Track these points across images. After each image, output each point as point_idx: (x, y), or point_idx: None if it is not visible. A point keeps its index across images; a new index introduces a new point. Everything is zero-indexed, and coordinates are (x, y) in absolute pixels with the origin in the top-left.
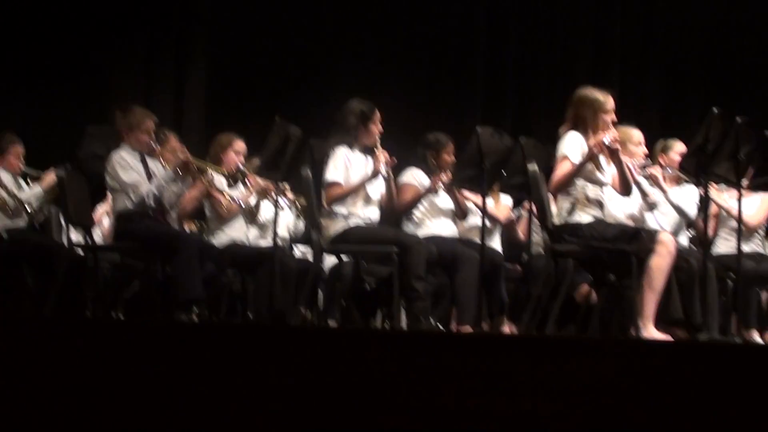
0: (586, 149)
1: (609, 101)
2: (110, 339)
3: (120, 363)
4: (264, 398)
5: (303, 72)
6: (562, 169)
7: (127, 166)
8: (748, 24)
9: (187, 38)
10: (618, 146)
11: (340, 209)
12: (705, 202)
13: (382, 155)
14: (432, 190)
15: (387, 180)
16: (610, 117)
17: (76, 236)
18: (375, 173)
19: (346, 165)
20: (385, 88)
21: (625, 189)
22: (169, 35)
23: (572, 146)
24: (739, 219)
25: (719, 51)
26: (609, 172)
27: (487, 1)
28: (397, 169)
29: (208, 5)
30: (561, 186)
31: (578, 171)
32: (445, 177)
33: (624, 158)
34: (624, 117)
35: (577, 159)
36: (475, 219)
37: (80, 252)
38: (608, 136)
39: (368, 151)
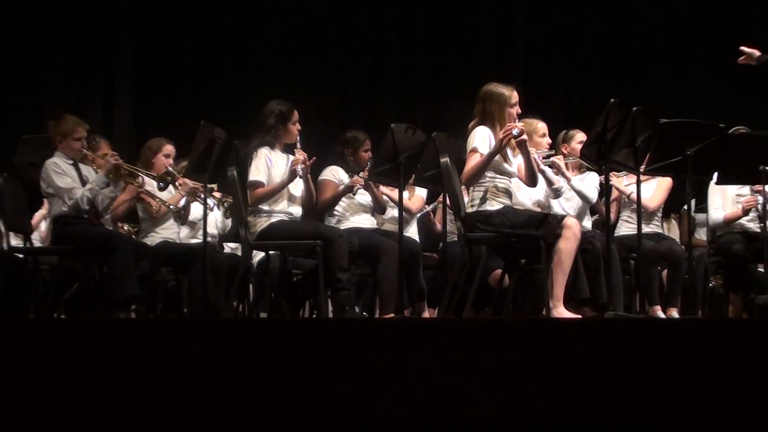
0: (494, 142)
1: (513, 95)
2: (53, 338)
3: (63, 361)
4: (199, 390)
5: (226, 76)
6: (472, 161)
7: (61, 172)
8: (639, 21)
9: (114, 48)
10: (525, 137)
11: (265, 207)
12: (606, 187)
13: (299, 155)
14: (350, 189)
15: (305, 180)
16: (516, 110)
17: (15, 241)
18: (292, 173)
19: (267, 165)
20: (304, 90)
21: (531, 180)
22: (96, 45)
23: (481, 139)
24: (638, 202)
25: (614, 46)
26: (515, 163)
27: (396, 7)
28: (317, 167)
29: (133, 16)
30: (472, 177)
31: (487, 163)
32: (363, 175)
33: (530, 149)
34: (528, 110)
35: (485, 151)
36: (391, 211)
37: (20, 256)
38: (515, 129)
39: (289, 149)
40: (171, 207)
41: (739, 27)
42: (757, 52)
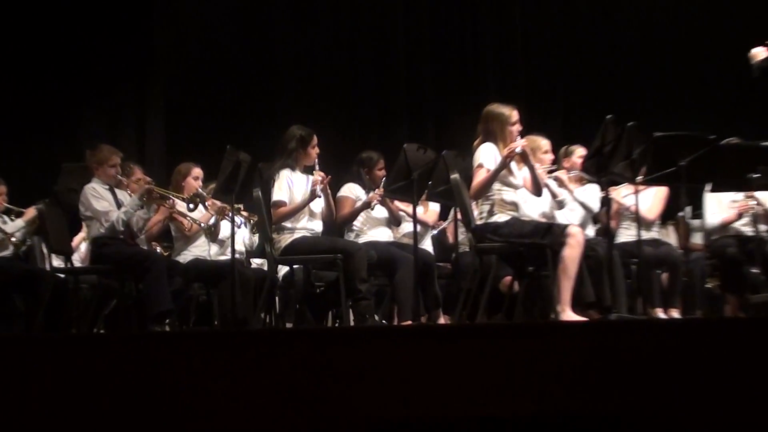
0: (499, 157)
1: (514, 114)
2: (94, 351)
3: (104, 372)
4: (233, 397)
5: (250, 104)
6: (479, 177)
7: (98, 196)
8: (633, 43)
9: (146, 80)
10: (528, 150)
11: (287, 224)
12: (607, 199)
13: (318, 176)
14: (367, 205)
15: (325, 197)
16: (516, 128)
17: (57, 262)
18: (312, 194)
19: (288, 186)
20: (322, 115)
21: (536, 189)
22: (129, 78)
23: (487, 156)
24: (637, 210)
25: (610, 68)
26: (520, 176)
27: (404, 37)
28: (336, 185)
29: (164, 48)
30: (480, 191)
31: (494, 178)
32: (379, 192)
33: (534, 164)
34: (532, 127)
35: (491, 166)
36: (407, 225)
37: (62, 276)
38: (518, 147)
39: (308, 171)
40: (202, 225)
41: (731, 42)
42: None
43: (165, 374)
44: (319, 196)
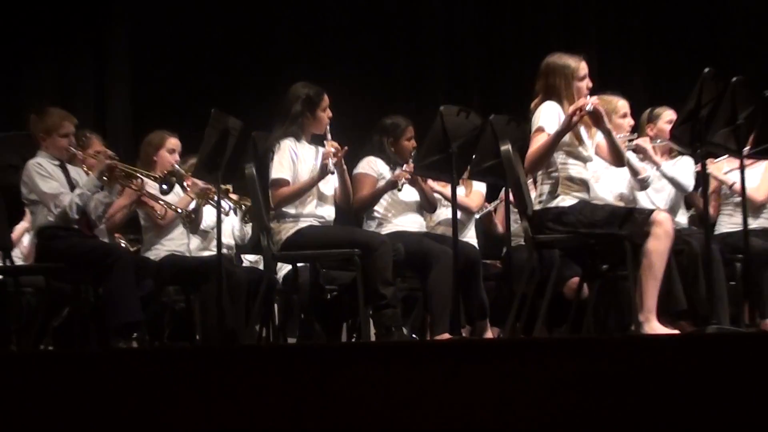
0: (564, 119)
1: (582, 66)
2: (40, 374)
3: (52, 401)
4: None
5: (238, 54)
6: (537, 142)
7: (46, 174)
8: None
9: (105, 25)
10: (601, 109)
11: (290, 210)
12: (703, 175)
13: (330, 147)
14: (393, 185)
15: (339, 174)
16: (586, 83)
17: None
18: (323, 169)
19: (292, 159)
20: (333, 69)
21: (616, 159)
22: (84, 22)
23: (548, 117)
24: (743, 192)
25: (707, 7)
26: (591, 145)
27: None
28: (351, 159)
29: None
30: (538, 161)
31: (555, 143)
32: (408, 168)
33: (609, 126)
34: (605, 85)
35: (553, 130)
36: (444, 211)
37: None
38: (588, 101)
39: (318, 141)
40: (179, 210)
41: None
42: None
43: (131, 403)
44: (332, 173)
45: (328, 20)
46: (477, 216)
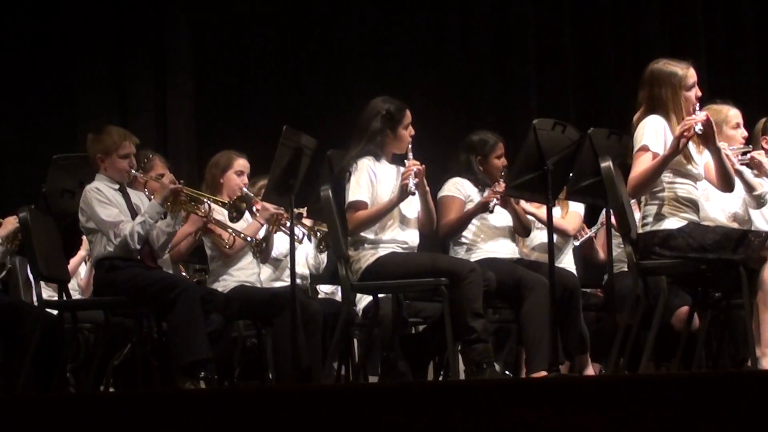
0: (670, 136)
1: (690, 74)
2: (99, 417)
3: None
4: None
5: (309, 66)
6: (642, 164)
7: (105, 200)
8: None
9: (166, 37)
10: (713, 128)
11: (369, 235)
12: None
13: (411, 166)
14: (484, 207)
15: (421, 195)
16: (694, 93)
17: (48, 292)
18: (402, 190)
19: (371, 180)
20: (414, 81)
21: (726, 183)
22: (144, 34)
23: (652, 134)
24: None
25: None
26: (701, 162)
27: None
28: (436, 182)
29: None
30: (642, 185)
31: (662, 167)
32: (499, 189)
33: (721, 145)
34: (715, 93)
35: (659, 149)
36: (539, 234)
37: (54, 312)
38: (699, 118)
39: (398, 160)
40: (248, 239)
41: None
42: None
43: None
44: (413, 194)
45: (409, 28)
46: (576, 243)
